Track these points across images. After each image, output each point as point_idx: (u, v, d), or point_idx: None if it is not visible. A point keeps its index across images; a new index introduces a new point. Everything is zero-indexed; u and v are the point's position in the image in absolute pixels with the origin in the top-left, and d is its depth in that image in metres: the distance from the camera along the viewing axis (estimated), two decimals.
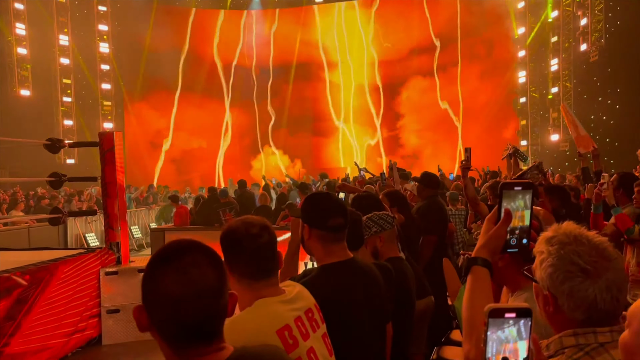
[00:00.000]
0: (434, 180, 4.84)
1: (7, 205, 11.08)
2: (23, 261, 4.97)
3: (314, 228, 1.93)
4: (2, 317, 4.26)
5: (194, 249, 1.07)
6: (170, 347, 1.05)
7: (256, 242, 1.53)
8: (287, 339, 1.47)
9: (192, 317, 1.03)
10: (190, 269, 1.03)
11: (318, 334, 1.61)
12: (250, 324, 1.41)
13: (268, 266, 1.56)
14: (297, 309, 1.57)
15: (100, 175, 5.78)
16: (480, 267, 1.27)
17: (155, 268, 1.05)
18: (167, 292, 1.01)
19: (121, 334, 5.41)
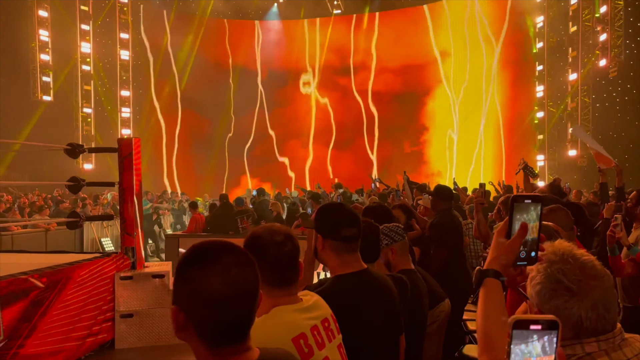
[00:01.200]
0: (448, 193, 4.82)
1: (30, 209, 11.26)
2: (40, 264, 5.05)
3: (327, 238, 1.94)
4: (18, 318, 4.32)
5: (232, 250, 1.10)
6: (207, 346, 1.07)
7: (280, 250, 1.55)
8: (303, 347, 1.48)
9: (234, 316, 1.07)
10: (232, 269, 1.07)
11: (334, 344, 1.62)
12: (266, 331, 1.42)
13: (289, 275, 1.58)
14: (313, 317, 1.58)
15: (117, 180, 5.87)
16: (492, 279, 1.28)
17: (195, 268, 1.07)
18: (211, 291, 1.04)
19: (134, 339, 5.45)
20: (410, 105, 21.64)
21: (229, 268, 1.07)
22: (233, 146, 22.78)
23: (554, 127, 18.73)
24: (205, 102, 21.86)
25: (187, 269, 1.08)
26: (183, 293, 1.07)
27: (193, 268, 1.07)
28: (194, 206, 10.35)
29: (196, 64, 22.28)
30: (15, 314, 4.28)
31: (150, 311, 5.52)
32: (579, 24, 17.03)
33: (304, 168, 22.80)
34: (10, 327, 4.23)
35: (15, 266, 4.86)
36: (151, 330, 5.49)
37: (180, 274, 1.09)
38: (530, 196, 1.29)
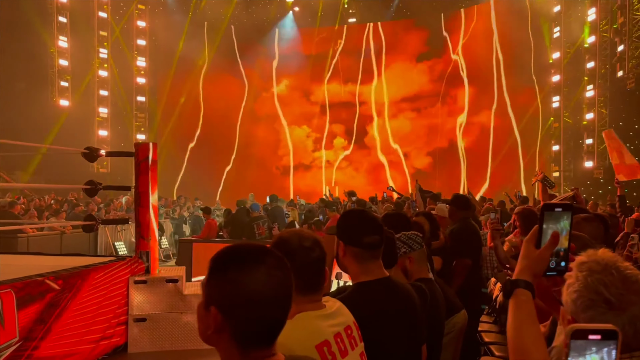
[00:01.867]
0: (466, 202, 4.77)
1: (48, 212, 11.37)
2: (56, 266, 5.07)
3: (349, 245, 1.92)
4: (34, 320, 4.34)
5: (271, 252, 1.12)
6: (238, 349, 1.07)
7: (308, 256, 1.53)
8: (326, 355, 1.46)
9: (272, 318, 1.08)
10: (273, 270, 1.08)
11: (356, 352, 1.60)
12: (290, 337, 1.40)
13: (315, 281, 1.57)
14: (336, 324, 1.56)
15: (132, 184, 5.90)
16: (523, 290, 1.25)
17: (237, 269, 1.07)
18: (254, 292, 1.05)
19: (147, 343, 5.45)
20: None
21: (270, 270, 1.08)
22: (244, 153, 22.93)
23: (570, 139, 18.55)
24: (220, 111, 22.03)
25: (228, 270, 1.08)
26: (223, 294, 1.07)
27: (235, 269, 1.07)
28: (207, 211, 10.38)
29: (211, 72, 22.47)
30: (31, 316, 4.30)
31: (164, 316, 5.52)
32: (596, 35, 16.89)
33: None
34: (25, 329, 4.25)
35: (31, 268, 4.88)
36: (164, 335, 5.49)
37: (219, 275, 1.09)
38: (562, 204, 1.26)
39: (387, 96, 22.51)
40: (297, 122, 23.28)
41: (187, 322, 5.55)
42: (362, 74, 22.73)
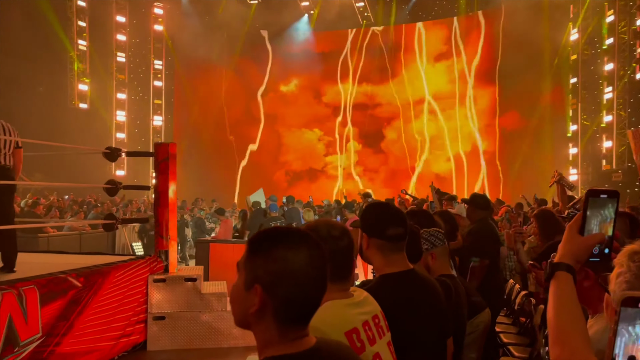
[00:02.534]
0: (484, 202, 4.75)
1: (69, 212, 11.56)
2: (78, 264, 5.17)
3: (373, 237, 1.92)
4: (56, 316, 4.41)
5: (310, 234, 1.16)
6: (278, 327, 1.10)
7: (337, 244, 1.54)
8: (355, 342, 1.47)
9: (313, 297, 1.12)
10: (315, 251, 1.12)
11: (384, 341, 1.61)
12: (320, 323, 1.40)
13: (344, 270, 1.58)
14: (364, 313, 1.57)
15: (149, 185, 5.98)
16: (564, 273, 1.25)
17: (283, 247, 1.10)
18: (304, 270, 1.09)
19: (166, 341, 5.50)
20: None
21: (311, 250, 1.11)
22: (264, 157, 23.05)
23: (588, 141, 18.34)
24: (234, 113, 22.19)
25: (274, 248, 1.10)
26: (269, 272, 1.09)
27: (280, 247, 1.10)
28: (221, 212, 10.46)
29: (227, 75, 22.64)
30: (54, 312, 4.37)
31: (182, 314, 5.57)
32: (615, 36, 16.70)
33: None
34: (48, 325, 4.32)
35: (54, 266, 4.97)
36: (183, 333, 5.54)
37: (264, 253, 1.11)
38: (607, 191, 1.25)
39: (408, 97, 22.32)
40: (308, 125, 23.30)
41: (206, 321, 5.59)
42: (378, 75, 22.65)
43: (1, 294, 3.92)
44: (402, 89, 22.45)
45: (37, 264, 5.33)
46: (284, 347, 1.10)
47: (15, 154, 4.84)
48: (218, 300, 5.67)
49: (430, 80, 22.04)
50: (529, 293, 4.76)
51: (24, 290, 4.12)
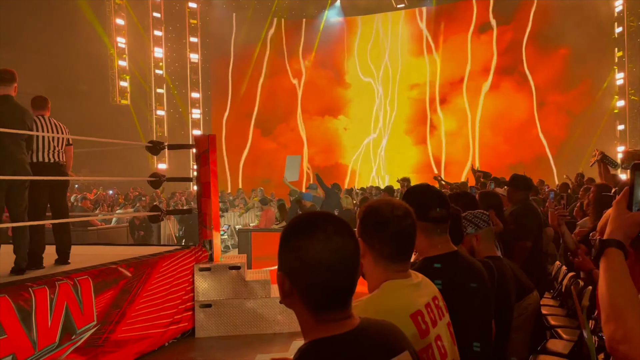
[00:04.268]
0: (525, 182, 4.64)
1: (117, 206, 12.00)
2: (127, 255, 5.36)
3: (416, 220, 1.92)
4: (109, 305, 4.60)
5: (333, 219, 1.16)
6: (311, 311, 1.13)
7: (401, 224, 1.54)
8: (421, 324, 1.47)
9: (336, 282, 1.11)
10: (334, 237, 1.12)
11: (443, 322, 1.61)
12: (384, 306, 1.42)
13: (407, 250, 1.58)
14: (424, 294, 1.57)
15: (191, 177, 6.12)
16: (615, 249, 1.23)
17: (299, 237, 1.13)
18: (315, 258, 1.10)
19: (213, 328, 5.65)
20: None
21: (330, 236, 1.11)
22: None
23: (636, 117, 17.60)
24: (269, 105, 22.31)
25: (291, 238, 1.14)
26: (288, 260, 1.13)
27: (297, 237, 1.13)
28: (264, 202, 10.64)
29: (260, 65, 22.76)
30: (107, 301, 4.56)
31: (228, 302, 5.71)
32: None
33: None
34: (102, 313, 4.52)
35: (104, 257, 5.18)
36: (229, 320, 5.67)
37: (284, 243, 1.15)
38: None
39: (445, 75, 21.47)
40: (333, 113, 23.06)
41: (250, 308, 5.71)
42: (414, 56, 22.18)
43: (58, 284, 4.12)
44: (446, 64, 21.74)
45: (88, 255, 5.55)
46: (324, 330, 1.12)
47: (67, 151, 5.07)
48: (262, 287, 5.78)
49: (474, 53, 21.18)
50: (576, 274, 4.65)
51: (78, 281, 4.31)
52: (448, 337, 1.61)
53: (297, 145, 22.59)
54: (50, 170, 4.89)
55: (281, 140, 22.80)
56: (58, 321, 4.09)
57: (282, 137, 22.88)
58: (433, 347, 1.51)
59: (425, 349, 1.47)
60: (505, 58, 20.72)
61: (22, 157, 4.54)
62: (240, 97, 22.80)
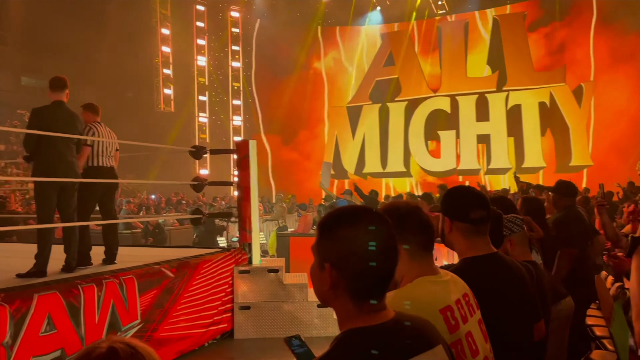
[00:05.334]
0: (570, 188, 4.53)
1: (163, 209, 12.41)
2: (169, 256, 5.52)
3: (455, 220, 1.92)
4: (153, 304, 4.75)
5: (371, 211, 1.22)
6: (353, 301, 1.17)
7: (419, 215, 1.61)
8: (450, 319, 1.49)
9: (383, 269, 1.17)
10: (380, 227, 1.18)
11: (474, 319, 1.61)
12: (414, 300, 1.44)
13: (433, 238, 1.63)
14: (455, 291, 1.59)
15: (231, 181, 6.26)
16: None
17: (345, 227, 1.18)
18: (365, 245, 1.15)
19: (252, 330, 5.74)
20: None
21: (375, 225, 1.17)
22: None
23: None
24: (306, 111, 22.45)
25: (338, 228, 1.18)
26: (335, 250, 1.17)
27: (344, 226, 1.18)
28: (303, 207, 10.77)
29: (301, 73, 22.93)
30: (150, 300, 4.71)
31: (266, 304, 5.79)
32: None
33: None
34: (145, 312, 4.67)
35: (148, 258, 5.35)
36: (267, 322, 5.75)
37: (330, 233, 1.19)
38: None
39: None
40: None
41: (288, 311, 5.78)
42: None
43: (105, 282, 4.29)
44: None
45: (132, 256, 5.75)
46: (362, 320, 1.16)
47: (115, 156, 5.29)
48: (300, 290, 5.83)
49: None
50: (622, 284, 4.51)
51: (124, 280, 4.48)
52: (479, 335, 1.61)
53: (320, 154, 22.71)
54: (107, 174, 5.17)
55: (303, 149, 22.85)
56: (105, 318, 4.25)
57: (303, 146, 22.91)
58: (463, 342, 1.52)
59: (454, 344, 1.48)
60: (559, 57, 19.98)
61: (73, 159, 4.75)
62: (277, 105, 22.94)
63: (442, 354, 1.24)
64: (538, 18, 20.35)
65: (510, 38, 20.60)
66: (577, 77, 19.44)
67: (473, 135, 21.04)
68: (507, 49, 20.59)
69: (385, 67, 22.51)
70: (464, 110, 21.28)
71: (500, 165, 20.42)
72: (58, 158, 4.60)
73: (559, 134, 19.64)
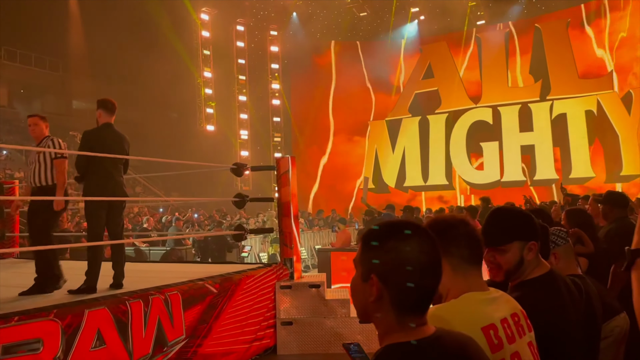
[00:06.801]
0: (621, 200, 4.36)
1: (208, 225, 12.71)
2: (212, 272, 5.59)
3: None
4: (197, 319, 4.82)
5: (419, 225, 1.22)
6: (396, 314, 1.16)
7: (468, 227, 1.58)
8: (492, 338, 1.45)
9: (428, 283, 1.17)
10: (427, 241, 1.18)
11: (524, 340, 1.56)
12: (456, 316, 1.42)
13: (479, 251, 1.60)
14: (502, 310, 1.55)
15: (272, 197, 6.33)
16: None
17: (395, 239, 1.18)
18: (412, 259, 1.15)
19: (294, 346, 5.74)
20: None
21: (422, 239, 1.17)
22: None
23: None
24: (348, 126, 22.51)
25: (387, 240, 1.18)
26: (382, 262, 1.17)
27: (392, 239, 1.18)
28: (343, 222, 10.79)
29: (339, 88, 23.04)
30: (195, 315, 4.78)
31: (308, 319, 5.78)
32: None
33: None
34: (190, 327, 4.74)
35: (191, 274, 5.44)
36: (309, 338, 5.74)
37: (377, 246, 1.19)
38: None
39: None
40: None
41: (330, 327, 5.75)
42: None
43: (151, 298, 4.39)
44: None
45: (176, 272, 5.87)
46: (404, 335, 1.15)
47: (56, 165, 4.90)
48: (341, 306, 5.80)
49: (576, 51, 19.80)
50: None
51: (169, 295, 4.57)
52: (529, 357, 1.55)
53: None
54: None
55: (341, 164, 22.86)
56: (151, 333, 4.34)
57: (342, 160, 22.93)
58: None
59: None
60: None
61: (121, 179, 4.92)
62: (313, 120, 23.06)
63: None
64: (581, 22, 19.87)
65: (552, 46, 20.17)
66: (626, 84, 18.82)
67: (517, 146, 20.60)
68: (550, 57, 20.17)
69: (424, 79, 22.39)
70: (507, 120, 20.90)
71: (545, 176, 19.88)
72: (107, 178, 4.77)
73: (608, 143, 18.99)
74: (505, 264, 1.87)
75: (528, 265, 1.90)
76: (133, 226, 12.36)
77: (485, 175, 21.05)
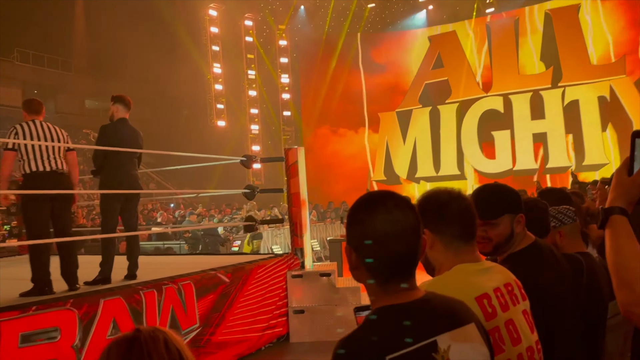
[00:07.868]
0: None
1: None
2: (224, 262, 5.70)
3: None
4: (210, 308, 4.92)
5: (393, 195, 1.26)
6: (377, 282, 1.21)
7: (461, 204, 1.58)
8: (486, 307, 1.49)
9: (398, 251, 1.19)
10: (394, 210, 1.21)
11: (518, 308, 1.60)
12: (449, 287, 1.44)
13: (472, 229, 1.60)
14: (495, 279, 1.58)
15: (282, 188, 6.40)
16: (619, 216, 1.23)
17: (363, 212, 1.23)
18: (376, 229, 1.19)
19: (306, 334, 5.82)
20: None
21: (390, 209, 1.20)
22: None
23: None
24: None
25: (356, 214, 1.24)
26: (353, 234, 1.23)
27: (361, 212, 1.23)
28: None
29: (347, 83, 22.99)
30: (208, 304, 4.89)
31: (319, 308, 5.86)
32: None
33: None
34: (204, 316, 4.85)
35: (204, 264, 5.55)
36: (321, 325, 5.82)
37: (350, 219, 1.25)
38: None
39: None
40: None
41: (342, 315, 5.82)
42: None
43: (164, 288, 4.50)
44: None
45: (188, 263, 5.98)
46: (390, 299, 1.19)
47: (68, 158, 4.64)
48: (353, 294, 5.87)
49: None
50: None
51: (182, 285, 4.68)
52: (524, 324, 1.59)
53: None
54: (47, 179, 4.38)
55: (349, 155, 22.81)
56: (165, 322, 4.45)
57: (348, 152, 22.88)
58: (502, 330, 1.51)
59: (492, 331, 1.47)
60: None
61: (135, 173, 5.03)
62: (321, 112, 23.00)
63: (474, 332, 1.25)
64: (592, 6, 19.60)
65: (563, 32, 19.91)
66: (638, 69, 18.58)
67: (529, 134, 20.43)
68: (560, 43, 19.91)
69: (433, 69, 22.25)
70: (518, 109, 20.70)
71: (559, 164, 19.71)
72: (122, 172, 4.87)
73: (621, 128, 18.77)
74: (496, 237, 1.91)
75: (517, 238, 1.95)
76: (147, 222, 12.56)
77: (497, 164, 20.90)
